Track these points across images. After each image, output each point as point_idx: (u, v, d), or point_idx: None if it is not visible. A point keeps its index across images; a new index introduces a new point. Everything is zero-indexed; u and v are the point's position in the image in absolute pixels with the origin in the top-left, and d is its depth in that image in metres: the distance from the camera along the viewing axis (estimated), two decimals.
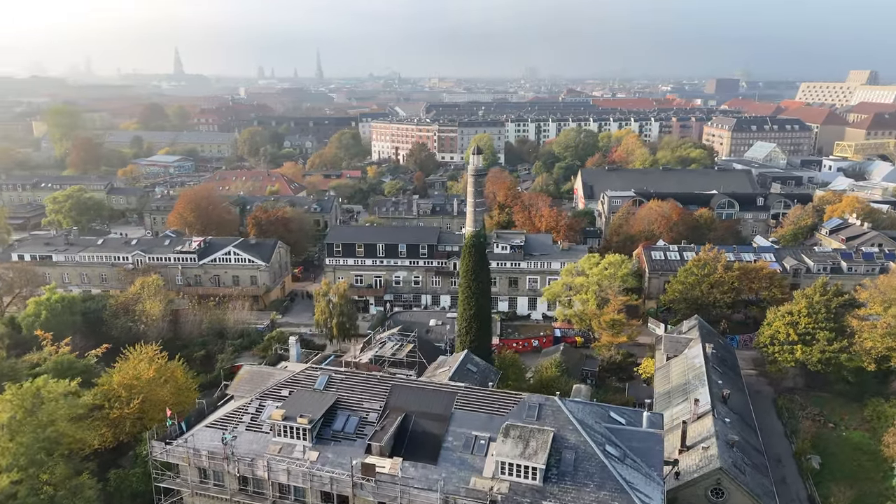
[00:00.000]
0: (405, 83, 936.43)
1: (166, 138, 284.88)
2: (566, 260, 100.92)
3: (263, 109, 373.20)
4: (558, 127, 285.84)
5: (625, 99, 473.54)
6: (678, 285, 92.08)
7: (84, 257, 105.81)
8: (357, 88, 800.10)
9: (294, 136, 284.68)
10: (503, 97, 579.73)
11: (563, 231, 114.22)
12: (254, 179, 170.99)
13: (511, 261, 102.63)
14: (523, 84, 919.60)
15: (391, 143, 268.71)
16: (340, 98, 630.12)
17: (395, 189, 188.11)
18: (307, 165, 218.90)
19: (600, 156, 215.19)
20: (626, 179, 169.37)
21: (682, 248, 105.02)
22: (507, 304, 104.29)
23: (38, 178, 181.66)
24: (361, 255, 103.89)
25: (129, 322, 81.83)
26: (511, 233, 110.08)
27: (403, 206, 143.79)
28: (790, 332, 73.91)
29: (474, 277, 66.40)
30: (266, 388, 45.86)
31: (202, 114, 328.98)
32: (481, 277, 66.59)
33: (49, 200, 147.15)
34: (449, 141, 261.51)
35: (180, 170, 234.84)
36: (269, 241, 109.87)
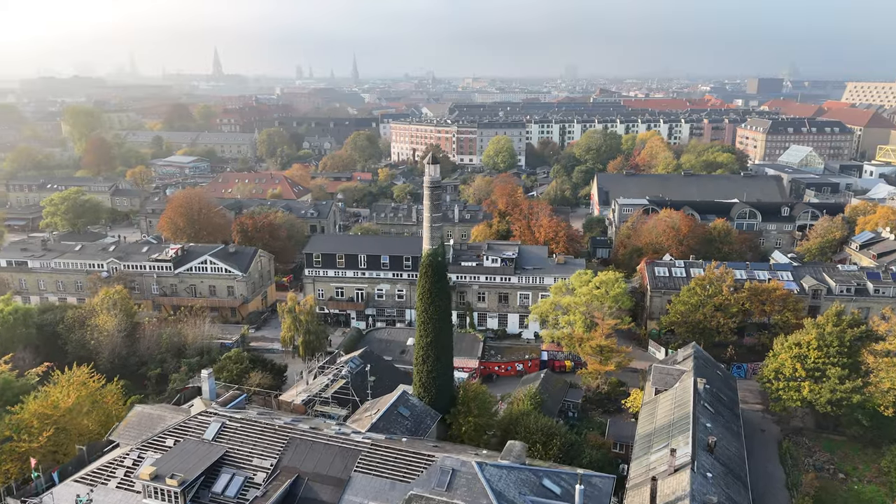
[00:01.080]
0: (439, 83, 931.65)
1: (187, 138, 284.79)
2: (560, 275, 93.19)
3: (287, 110, 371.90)
4: (583, 128, 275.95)
5: (657, 99, 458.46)
6: (680, 306, 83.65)
7: (59, 264, 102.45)
8: (390, 89, 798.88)
9: (313, 136, 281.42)
10: (535, 97, 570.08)
11: (562, 243, 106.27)
12: (257, 182, 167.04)
13: (501, 275, 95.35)
14: (559, 84, 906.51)
15: (410, 144, 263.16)
16: (371, 98, 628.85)
17: (405, 193, 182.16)
18: (319, 167, 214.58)
19: (622, 159, 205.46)
20: (643, 185, 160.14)
21: (689, 263, 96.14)
22: (497, 321, 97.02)
23: (44, 178, 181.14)
24: (342, 267, 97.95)
25: (82, 337, 77.41)
26: (504, 244, 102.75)
27: (403, 212, 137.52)
28: (797, 367, 65.02)
29: (431, 300, 59.48)
30: (150, 437, 39.92)
31: (225, 114, 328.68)
32: (439, 300, 59.62)
33: (46, 202, 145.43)
34: (468, 142, 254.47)
35: (196, 171, 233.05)
36: (249, 250, 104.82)
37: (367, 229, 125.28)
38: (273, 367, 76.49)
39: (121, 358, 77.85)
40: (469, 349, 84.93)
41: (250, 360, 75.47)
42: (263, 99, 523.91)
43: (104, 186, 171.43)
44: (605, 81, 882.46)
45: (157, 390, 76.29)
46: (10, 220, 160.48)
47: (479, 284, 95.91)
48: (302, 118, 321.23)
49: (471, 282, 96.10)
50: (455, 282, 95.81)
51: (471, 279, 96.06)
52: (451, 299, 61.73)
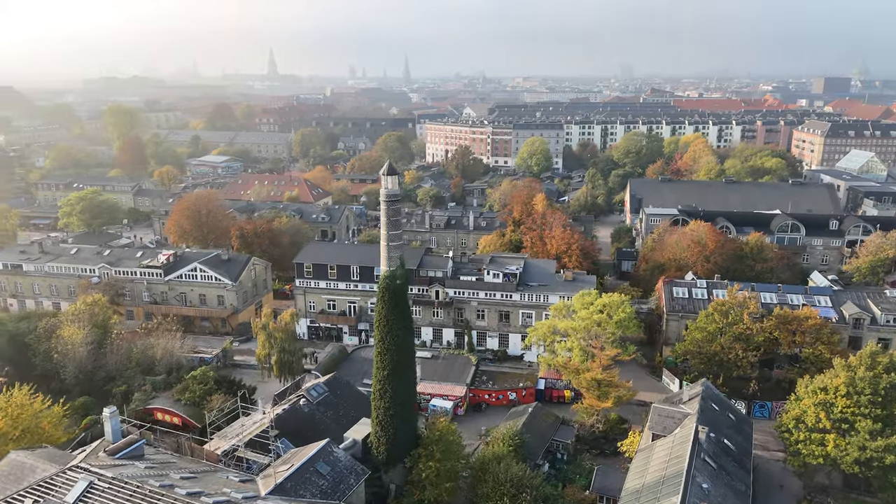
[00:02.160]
0: (488, 83, 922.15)
1: (225, 138, 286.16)
2: (566, 294, 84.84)
3: (328, 110, 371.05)
4: (627, 129, 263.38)
5: (710, 100, 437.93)
6: (696, 333, 74.38)
7: (53, 268, 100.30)
8: (439, 88, 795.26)
9: (348, 137, 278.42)
10: (584, 97, 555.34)
11: (574, 256, 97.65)
12: (276, 184, 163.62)
13: (502, 291, 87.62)
14: (612, 83, 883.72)
15: (445, 145, 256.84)
16: (418, 98, 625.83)
17: (429, 196, 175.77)
18: (347, 168, 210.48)
19: (662, 163, 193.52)
20: (680, 192, 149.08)
21: (712, 283, 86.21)
22: (497, 341, 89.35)
23: (72, 178, 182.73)
24: (334, 278, 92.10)
25: (50, 349, 73.89)
26: (509, 257, 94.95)
27: (416, 218, 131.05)
28: (821, 417, 55.31)
29: (388, 328, 52.67)
30: (5, 497, 34.49)
31: (264, 114, 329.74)
32: (398, 328, 52.73)
33: (64, 202, 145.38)
34: (503, 144, 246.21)
35: (228, 171, 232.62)
36: (242, 258, 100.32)
37: (374, 236, 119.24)
38: (240, 388, 71.08)
39: (86, 373, 73.92)
40: (458, 373, 77.77)
41: (216, 380, 70.34)
42: (310, 99, 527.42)
43: (127, 186, 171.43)
44: (661, 81, 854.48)
45: (121, 409, 71.85)
46: (36, 219, 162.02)
47: (479, 301, 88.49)
48: (339, 118, 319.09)
49: (469, 298, 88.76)
50: (452, 297, 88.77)
51: (469, 295, 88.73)
52: (413, 327, 54.72)
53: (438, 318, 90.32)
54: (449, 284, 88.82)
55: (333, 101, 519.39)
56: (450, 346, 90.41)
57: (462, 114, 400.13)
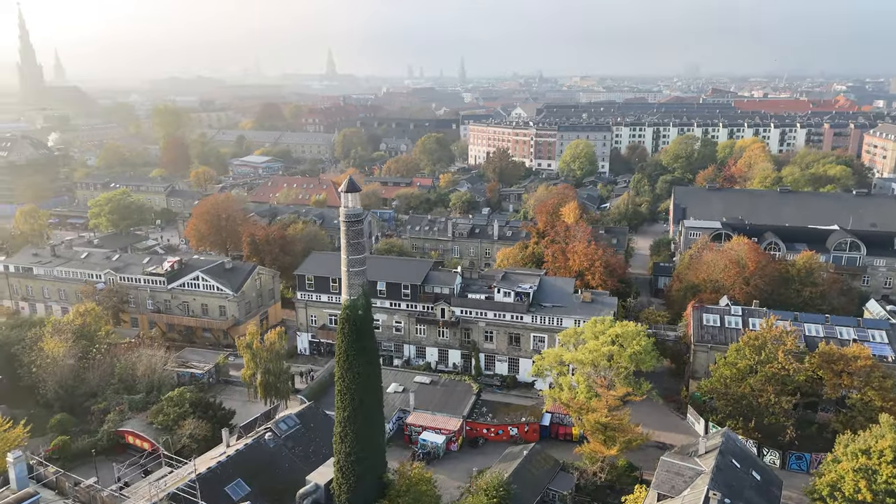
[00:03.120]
0: (545, 82, 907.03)
1: (270, 138, 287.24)
2: (582, 317, 77.08)
3: (375, 110, 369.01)
4: (680, 132, 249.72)
5: (775, 100, 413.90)
6: (724, 369, 65.50)
7: (61, 272, 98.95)
8: (493, 88, 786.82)
9: (391, 138, 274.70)
10: (642, 97, 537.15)
11: (598, 274, 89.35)
12: (305, 186, 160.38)
13: (512, 312, 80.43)
14: (674, 83, 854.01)
15: (487, 147, 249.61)
16: (471, 97, 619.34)
17: (461, 201, 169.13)
18: (383, 171, 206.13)
19: (714, 169, 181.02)
20: (728, 202, 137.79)
21: (748, 311, 76.66)
22: (507, 365, 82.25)
23: (109, 177, 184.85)
24: (336, 291, 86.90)
25: (31, 361, 71.35)
26: (524, 273, 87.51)
27: (439, 226, 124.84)
28: (861, 486, 46.23)
29: (349, 365, 46.75)
30: None
31: (310, 114, 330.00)
32: (359, 365, 46.73)
33: (93, 203, 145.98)
34: (546, 146, 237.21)
35: (268, 171, 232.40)
36: (247, 267, 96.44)
37: (391, 244, 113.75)
38: (217, 412, 66.59)
39: (67, 388, 70.98)
40: (456, 403, 71.15)
41: (193, 402, 66.05)
42: (362, 99, 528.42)
43: (160, 187, 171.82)
44: (726, 80, 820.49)
45: (96, 431, 68.39)
46: (73, 218, 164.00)
47: (487, 322, 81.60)
48: (383, 119, 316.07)
49: (477, 318, 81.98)
50: (459, 316, 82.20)
51: (477, 315, 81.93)
52: (378, 362, 48.60)
53: (444, 338, 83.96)
54: (455, 303, 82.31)
55: (384, 102, 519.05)
56: (456, 369, 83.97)
57: (511, 114, 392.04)
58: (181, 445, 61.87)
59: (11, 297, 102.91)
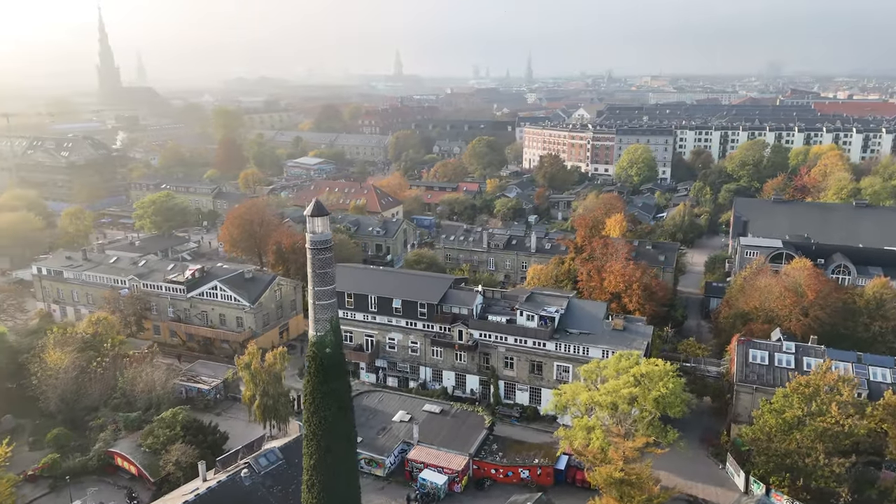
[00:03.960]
0: (613, 82, 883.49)
1: (326, 139, 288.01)
2: (611, 347, 69.84)
3: (431, 111, 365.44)
4: (751, 136, 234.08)
5: (860, 102, 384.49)
6: (769, 418, 57.19)
7: (89, 276, 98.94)
8: (558, 88, 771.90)
9: (444, 140, 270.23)
10: (715, 98, 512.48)
11: (635, 297, 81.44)
12: (347, 191, 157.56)
13: (534, 338, 73.85)
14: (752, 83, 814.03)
15: (542, 150, 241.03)
16: (535, 98, 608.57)
17: (506, 208, 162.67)
18: (430, 174, 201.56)
19: (783, 179, 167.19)
20: (795, 217, 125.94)
21: (802, 349, 67.36)
22: (528, 395, 75.69)
23: (160, 178, 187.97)
24: (351, 308, 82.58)
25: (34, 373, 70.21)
26: (552, 294, 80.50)
27: (475, 236, 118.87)
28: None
29: (315, 409, 41.92)
30: None
31: (366, 116, 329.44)
32: (326, 409, 41.81)
33: (138, 204, 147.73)
34: (604, 150, 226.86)
35: (320, 173, 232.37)
36: (266, 277, 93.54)
37: (420, 256, 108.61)
38: (208, 436, 63.26)
39: (67, 401, 69.41)
40: (464, 438, 65.40)
41: (185, 424, 62.98)
42: (423, 100, 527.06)
43: (208, 188, 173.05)
44: (809, 80, 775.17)
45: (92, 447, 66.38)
46: (124, 219, 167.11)
47: (507, 347, 75.31)
48: (438, 121, 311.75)
49: (496, 342, 75.80)
50: (477, 340, 76.28)
51: (497, 339, 75.76)
52: (350, 406, 43.52)
53: (462, 362, 78.21)
54: (474, 325, 76.42)
55: (445, 103, 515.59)
56: (473, 396, 78.13)
57: (572, 116, 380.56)
58: (166, 473, 58.79)
59: (44, 299, 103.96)
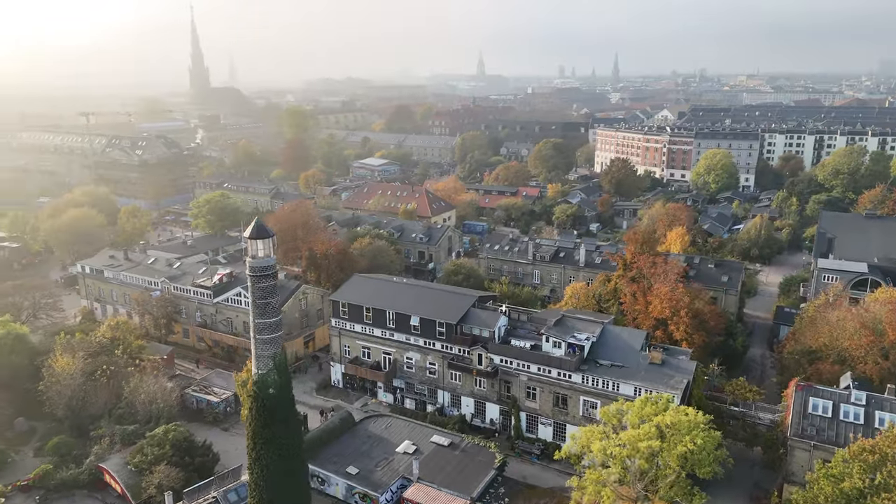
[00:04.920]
0: (706, 81, 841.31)
1: (395, 140, 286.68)
2: (645, 384, 61.50)
3: (504, 112, 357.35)
4: (850, 142, 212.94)
5: None
6: (825, 484, 47.60)
7: (127, 277, 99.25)
8: (645, 88, 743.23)
9: (512, 142, 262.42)
10: (816, 98, 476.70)
11: (682, 326, 72.10)
12: (399, 194, 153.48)
13: (559, 368, 66.32)
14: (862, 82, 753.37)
15: (615, 153, 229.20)
16: (618, 98, 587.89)
17: (566, 215, 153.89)
18: (491, 178, 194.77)
19: (882, 190, 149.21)
20: (890, 235, 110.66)
21: (877, 400, 56.49)
22: (552, 430, 68.21)
23: (223, 177, 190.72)
24: (370, 323, 77.76)
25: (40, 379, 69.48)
26: (585, 318, 72.37)
27: (520, 247, 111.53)
28: None
29: (258, 455, 37.05)
30: None
31: (436, 116, 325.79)
32: (269, 455, 36.84)
33: (194, 203, 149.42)
34: (681, 155, 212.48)
35: (384, 174, 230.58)
36: (291, 285, 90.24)
37: (459, 266, 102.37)
38: (196, 457, 59.90)
39: (73, 409, 68.21)
40: (469, 477, 59.01)
41: (175, 443, 59.95)
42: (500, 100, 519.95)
43: (266, 189, 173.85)
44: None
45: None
46: (186, 217, 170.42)
47: (529, 376, 68.13)
48: (509, 121, 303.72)
49: (518, 370, 68.77)
50: (497, 366, 69.56)
51: (519, 366, 68.73)
52: (298, 452, 38.30)
53: (481, 388, 71.69)
54: (494, 349, 69.72)
55: (523, 103, 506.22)
56: (493, 426, 71.50)
57: (655, 117, 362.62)
58: (147, 496, 55.84)
59: (87, 297, 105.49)
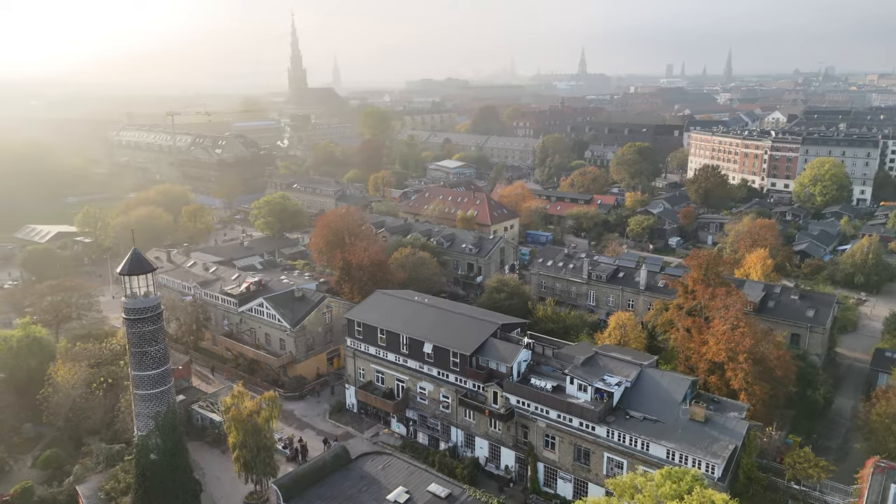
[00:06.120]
0: (830, 80, 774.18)
1: (476, 141, 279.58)
2: (681, 448, 50.83)
3: (594, 112, 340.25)
4: None
5: None
6: None
7: (164, 279, 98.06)
8: (760, 87, 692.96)
9: (598, 145, 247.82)
10: None
11: (740, 374, 60.08)
12: (459, 200, 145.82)
13: (580, 417, 56.59)
14: None
15: (710, 159, 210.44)
16: (726, 98, 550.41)
17: (641, 227, 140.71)
18: (566, 183, 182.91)
19: None
20: None
21: None
22: (572, 488, 58.51)
23: (293, 178, 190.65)
24: (384, 346, 71.01)
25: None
26: (622, 357, 61.74)
27: (576, 263, 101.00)
28: None
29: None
30: None
31: (521, 117, 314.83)
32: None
33: (255, 205, 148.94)
34: (784, 162, 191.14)
35: (459, 176, 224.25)
36: (316, 297, 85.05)
37: (503, 283, 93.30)
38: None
39: (71, 422, 66.04)
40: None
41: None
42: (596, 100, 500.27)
43: (331, 190, 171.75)
44: None
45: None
46: None
47: (548, 423, 58.79)
48: (597, 123, 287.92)
49: (536, 414, 59.60)
50: (513, 407, 60.75)
51: (537, 410, 59.55)
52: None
53: (496, 430, 63.05)
54: (510, 388, 60.89)
55: (621, 103, 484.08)
56: (509, 475, 62.69)
57: (764, 119, 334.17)
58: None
59: None
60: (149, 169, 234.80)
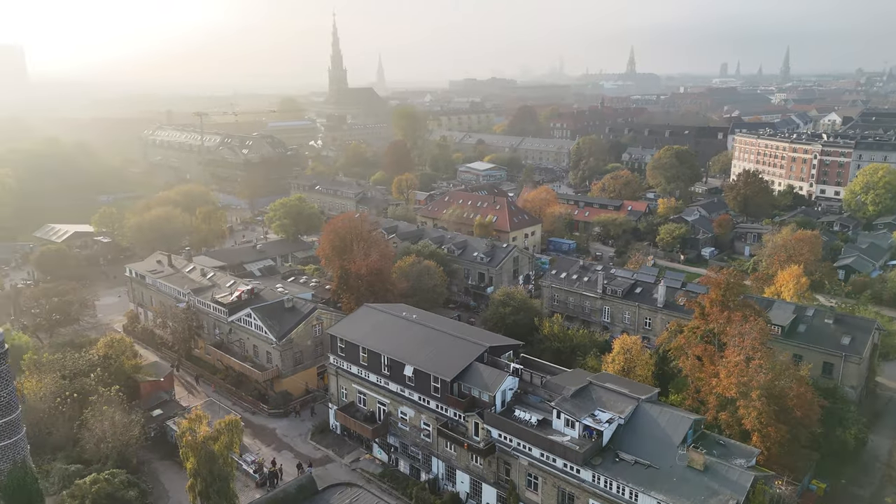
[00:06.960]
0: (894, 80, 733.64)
1: (510, 143, 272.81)
2: (673, 499, 44.22)
3: (635, 113, 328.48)
4: None
5: None
6: None
7: (162, 285, 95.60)
8: (818, 87, 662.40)
9: (636, 147, 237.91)
10: None
11: (752, 413, 52.76)
12: (479, 204, 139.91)
13: (562, 458, 50.37)
14: None
15: (755, 164, 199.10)
16: (779, 99, 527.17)
17: (672, 235, 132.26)
18: (596, 189, 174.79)
19: None
20: None
21: None
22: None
23: (316, 179, 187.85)
24: (365, 366, 66.07)
25: None
26: (616, 390, 54.95)
27: (590, 276, 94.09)
28: None
29: None
30: None
31: (558, 118, 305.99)
32: None
33: (271, 207, 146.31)
34: (835, 168, 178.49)
35: (489, 179, 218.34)
36: (307, 308, 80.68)
37: (509, 296, 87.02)
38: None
39: (39, 437, 63.22)
40: None
41: (95, 500, 52.14)
42: (641, 101, 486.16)
43: (352, 193, 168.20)
44: None
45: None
46: None
47: (530, 461, 52.73)
48: (637, 124, 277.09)
49: (517, 450, 53.61)
50: (494, 440, 54.93)
51: (519, 446, 53.56)
52: None
53: (477, 464, 57.28)
54: (490, 420, 55.05)
55: (667, 104, 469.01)
56: None
57: (819, 122, 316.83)
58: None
59: (133, 300, 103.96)
60: (180, 168, 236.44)
